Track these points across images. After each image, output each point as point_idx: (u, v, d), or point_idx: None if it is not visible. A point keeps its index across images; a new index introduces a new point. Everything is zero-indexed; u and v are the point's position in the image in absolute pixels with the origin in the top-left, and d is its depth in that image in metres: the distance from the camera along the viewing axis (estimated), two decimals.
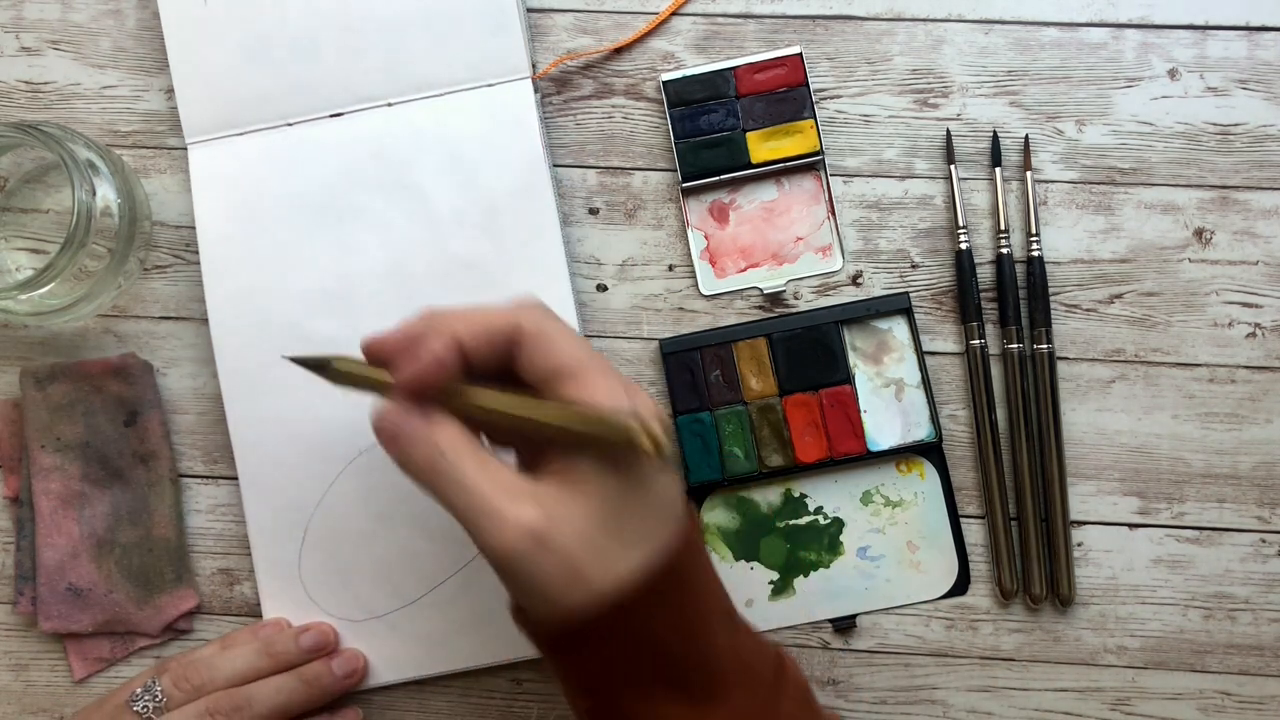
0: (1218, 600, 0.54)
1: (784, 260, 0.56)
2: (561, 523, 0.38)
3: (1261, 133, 0.55)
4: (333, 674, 0.52)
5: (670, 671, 0.39)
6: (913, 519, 0.55)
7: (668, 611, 0.39)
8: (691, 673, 0.40)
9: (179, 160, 0.57)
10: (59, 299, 0.52)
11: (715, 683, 0.40)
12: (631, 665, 0.39)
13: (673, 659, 0.39)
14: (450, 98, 0.55)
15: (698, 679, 0.40)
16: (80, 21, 0.58)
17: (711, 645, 0.40)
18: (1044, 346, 0.54)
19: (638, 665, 0.39)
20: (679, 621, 0.39)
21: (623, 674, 0.39)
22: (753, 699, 0.41)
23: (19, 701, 0.55)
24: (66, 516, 0.54)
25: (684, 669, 0.39)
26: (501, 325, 0.40)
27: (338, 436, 0.54)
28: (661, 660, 0.39)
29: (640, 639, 0.39)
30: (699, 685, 0.40)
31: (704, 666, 0.40)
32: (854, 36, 0.56)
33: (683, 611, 0.39)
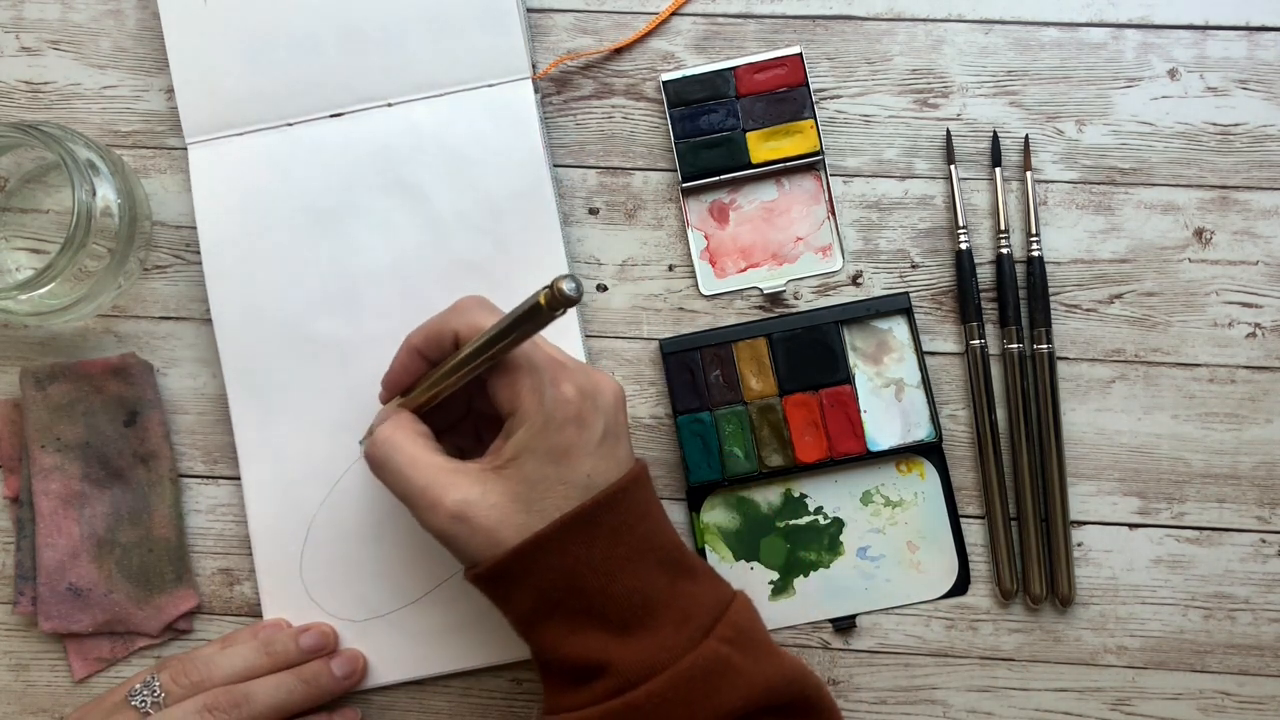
0: (1218, 600, 0.54)
1: (784, 260, 0.56)
2: (482, 502, 0.44)
3: (1261, 133, 0.55)
4: (332, 674, 0.52)
5: (594, 607, 0.44)
6: (913, 519, 0.55)
7: (589, 554, 0.44)
8: (611, 607, 0.44)
9: (179, 160, 0.57)
10: (59, 299, 0.52)
11: (641, 617, 0.44)
12: (555, 601, 0.44)
13: (593, 594, 0.44)
14: (450, 98, 0.55)
15: (617, 613, 0.44)
16: (80, 21, 0.58)
17: (641, 587, 0.44)
18: (1044, 346, 0.54)
19: (559, 601, 0.44)
20: (602, 564, 0.44)
21: (548, 608, 0.44)
22: (677, 635, 0.44)
23: (19, 701, 0.55)
24: (66, 516, 0.54)
25: (604, 604, 0.44)
26: (441, 331, 0.46)
27: (341, 437, 0.54)
28: (583, 597, 0.44)
29: (558, 578, 0.44)
30: (618, 619, 0.44)
31: (628, 604, 0.44)
32: (854, 36, 0.56)
33: (606, 556, 0.44)
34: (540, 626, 0.45)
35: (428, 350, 0.47)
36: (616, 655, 0.43)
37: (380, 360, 0.55)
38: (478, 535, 0.44)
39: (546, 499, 0.44)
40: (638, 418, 0.55)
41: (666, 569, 0.45)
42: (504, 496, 0.44)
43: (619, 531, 0.45)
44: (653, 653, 0.43)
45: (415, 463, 0.45)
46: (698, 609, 0.45)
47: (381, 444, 0.46)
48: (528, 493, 0.44)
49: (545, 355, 0.46)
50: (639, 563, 0.45)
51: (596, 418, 0.46)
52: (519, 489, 0.44)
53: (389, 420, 0.47)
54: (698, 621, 0.44)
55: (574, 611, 0.44)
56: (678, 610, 0.45)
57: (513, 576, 0.44)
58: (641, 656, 0.43)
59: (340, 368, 0.54)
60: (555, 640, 0.45)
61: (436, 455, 0.46)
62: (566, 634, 0.44)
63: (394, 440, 0.46)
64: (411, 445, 0.46)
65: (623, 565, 0.44)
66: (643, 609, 0.44)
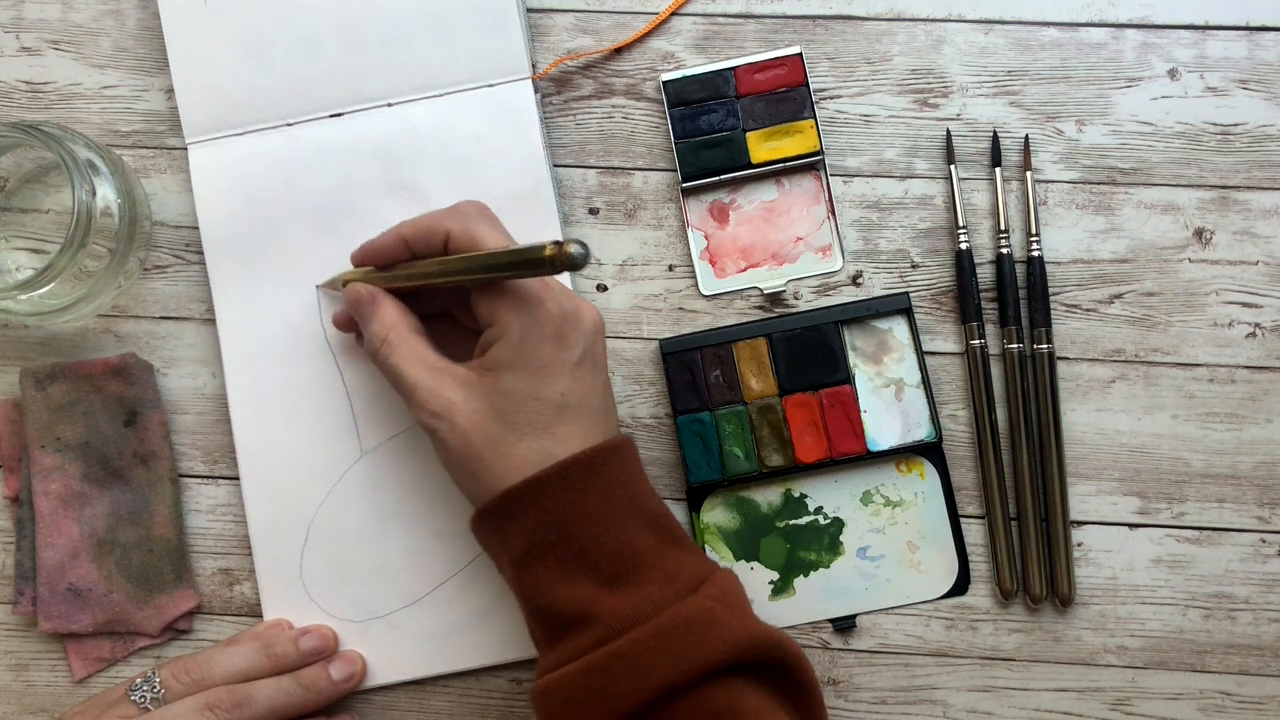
0: (1218, 600, 0.54)
1: (784, 260, 0.56)
2: (464, 405, 0.46)
3: (1261, 133, 0.55)
4: (330, 679, 0.52)
5: (586, 555, 0.45)
6: (913, 519, 0.55)
7: (583, 500, 0.45)
8: (602, 557, 0.45)
9: (179, 160, 0.57)
10: (59, 299, 0.52)
11: (630, 572, 0.45)
12: (546, 545, 0.45)
13: (585, 541, 0.45)
14: (450, 98, 0.55)
15: (607, 564, 0.45)
16: (80, 21, 0.58)
17: (630, 542, 0.45)
18: (1044, 346, 0.54)
19: (553, 545, 0.45)
20: (594, 514, 0.45)
21: (539, 551, 0.45)
22: (661, 590, 0.44)
23: (19, 701, 0.55)
24: (66, 516, 0.54)
25: (595, 553, 0.45)
26: (434, 228, 0.48)
27: (342, 437, 0.54)
28: (574, 544, 0.45)
29: (552, 521, 0.45)
30: (610, 571, 0.45)
31: (618, 557, 0.45)
32: (854, 36, 0.56)
33: (599, 508, 0.45)
34: (531, 569, 0.45)
35: (415, 242, 0.48)
36: (603, 606, 0.44)
37: None
38: (454, 435, 0.46)
39: (520, 412, 0.45)
40: (638, 418, 0.55)
41: (655, 532, 0.46)
42: (482, 403, 0.46)
43: (613, 486, 0.46)
44: (639, 605, 0.44)
45: (411, 359, 0.47)
46: (684, 571, 0.45)
47: (379, 343, 0.48)
48: (502, 404, 0.46)
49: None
50: (630, 520, 0.45)
51: (576, 339, 0.47)
52: (495, 399, 0.46)
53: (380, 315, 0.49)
54: (684, 582, 0.45)
55: (565, 558, 0.45)
56: (665, 570, 0.45)
57: (510, 514, 0.45)
58: (627, 608, 0.44)
59: (341, 367, 0.54)
60: (544, 585, 0.45)
61: (430, 352, 0.48)
62: (556, 580, 0.45)
63: (390, 338, 0.48)
64: (405, 343, 0.48)
65: (615, 519, 0.45)
66: (631, 564, 0.45)
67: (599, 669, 0.43)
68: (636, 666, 0.42)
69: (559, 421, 0.46)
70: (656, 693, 0.42)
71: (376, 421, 0.54)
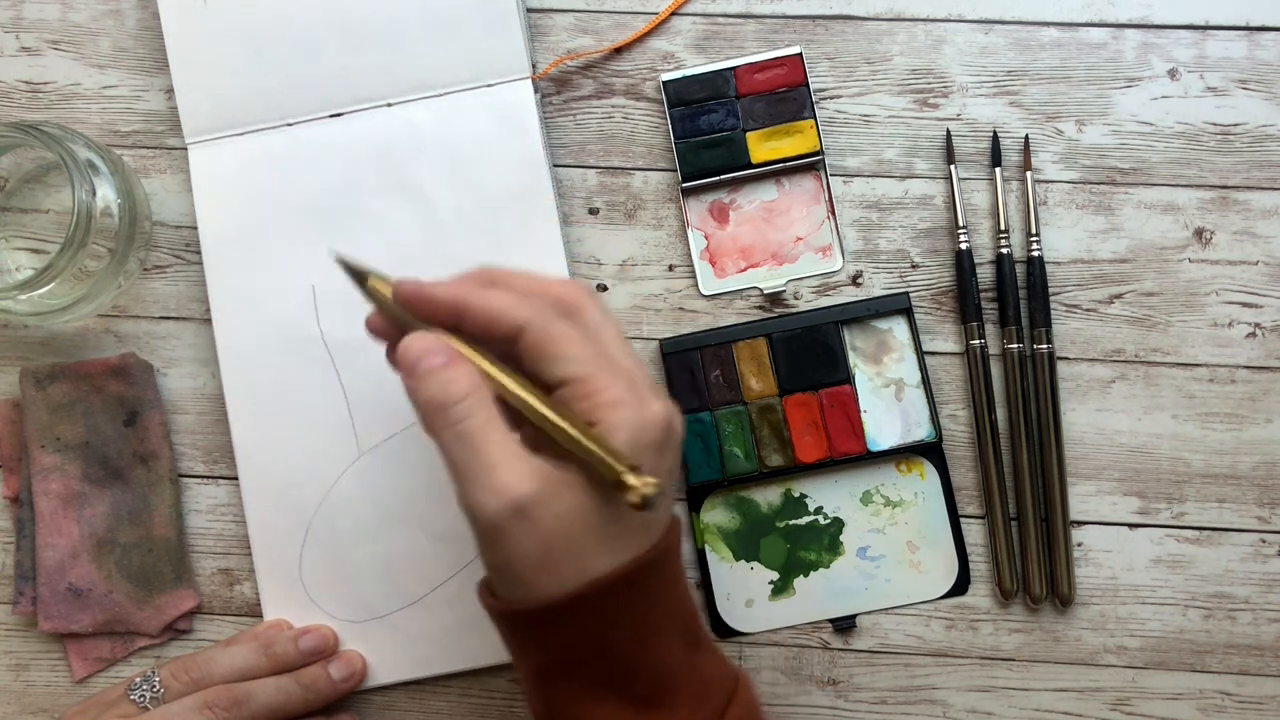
0: (1218, 600, 0.54)
1: (784, 260, 0.56)
2: (549, 506, 0.38)
3: (1261, 133, 0.55)
4: (330, 679, 0.52)
5: (617, 674, 0.40)
6: (913, 519, 0.55)
7: (626, 618, 0.40)
8: (638, 680, 0.40)
9: (179, 160, 0.57)
10: (59, 299, 0.52)
11: (661, 693, 0.41)
12: (581, 661, 0.40)
13: (622, 663, 0.40)
14: (450, 98, 0.55)
15: (643, 687, 0.40)
16: (80, 21, 0.58)
17: (665, 658, 0.41)
18: (1044, 346, 0.54)
19: (587, 662, 0.40)
20: (636, 629, 0.40)
21: (571, 667, 0.40)
22: (694, 715, 0.41)
23: (19, 701, 0.55)
24: (66, 516, 0.54)
25: (631, 675, 0.40)
26: (502, 317, 0.40)
27: (340, 437, 0.54)
28: (610, 663, 0.40)
29: (593, 638, 0.40)
30: (643, 693, 0.40)
31: (652, 676, 0.41)
32: (854, 36, 0.56)
33: (642, 621, 0.40)
34: (554, 686, 0.41)
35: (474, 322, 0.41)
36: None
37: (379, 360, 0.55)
38: (532, 540, 0.38)
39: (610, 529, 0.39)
40: None
41: (685, 640, 0.42)
42: (571, 511, 0.38)
43: (656, 596, 0.41)
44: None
45: (492, 433, 0.38)
46: (711, 687, 0.42)
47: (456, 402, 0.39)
48: (593, 516, 0.39)
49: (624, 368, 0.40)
50: (666, 631, 0.41)
51: (670, 449, 0.41)
52: (588, 509, 0.39)
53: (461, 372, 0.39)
54: (712, 703, 0.42)
55: (596, 678, 0.40)
56: (693, 687, 0.41)
57: (543, 626, 0.40)
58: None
59: (339, 368, 0.54)
60: (568, 703, 0.41)
61: (512, 435, 0.39)
62: (582, 699, 0.40)
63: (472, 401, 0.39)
64: (486, 411, 0.39)
65: (653, 633, 0.41)
66: (663, 683, 0.41)
67: None
68: None
69: (640, 533, 0.40)
70: None
71: (374, 422, 0.54)
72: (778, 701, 0.54)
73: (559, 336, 0.40)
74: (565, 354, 0.40)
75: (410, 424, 0.54)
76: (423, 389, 0.40)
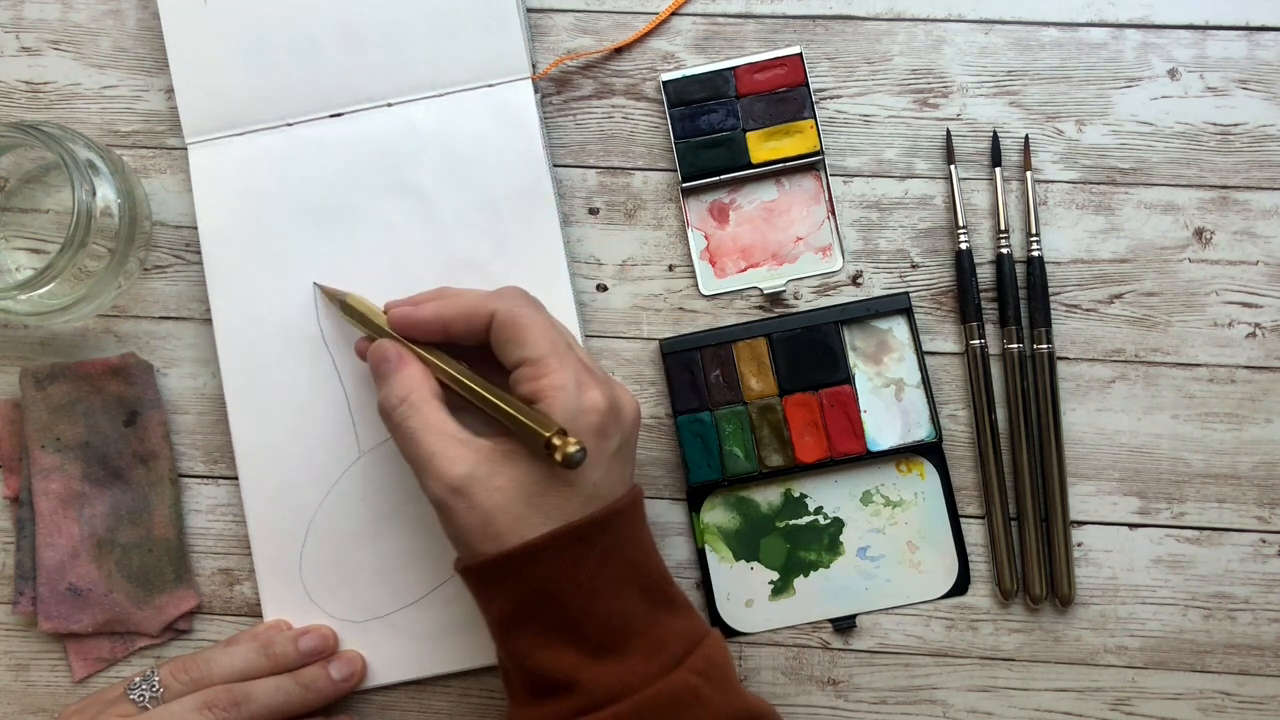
0: (1218, 600, 0.54)
1: (784, 260, 0.56)
2: (486, 481, 0.44)
3: (1261, 133, 0.55)
4: (330, 679, 0.52)
5: (570, 623, 0.44)
6: (913, 519, 0.55)
7: (574, 572, 0.44)
8: (589, 629, 0.44)
9: (179, 160, 0.57)
10: (59, 299, 0.52)
11: (615, 643, 0.44)
12: (533, 611, 0.44)
13: (574, 613, 0.44)
14: (450, 98, 0.55)
15: (593, 635, 0.44)
16: (80, 21, 0.58)
17: (619, 611, 0.44)
18: (1044, 346, 0.54)
19: (539, 612, 0.44)
20: (585, 583, 0.44)
21: (526, 616, 0.44)
22: (649, 664, 0.44)
23: (19, 701, 0.55)
24: (66, 516, 0.54)
25: (583, 624, 0.44)
26: (478, 310, 0.47)
27: (339, 437, 0.54)
28: (562, 612, 0.44)
29: (541, 590, 0.44)
30: (596, 641, 0.44)
31: (606, 627, 0.44)
32: (854, 36, 0.56)
33: (592, 576, 0.44)
34: (514, 633, 0.45)
35: (455, 324, 0.47)
36: (586, 676, 0.43)
37: None
38: (473, 513, 0.44)
39: (548, 498, 0.44)
40: None
41: (647, 597, 0.45)
42: (508, 483, 0.44)
43: (608, 553, 0.45)
44: (622, 677, 0.43)
45: (428, 427, 0.45)
46: (672, 640, 0.45)
47: (397, 404, 0.46)
48: (531, 487, 0.44)
49: (575, 359, 0.46)
50: (622, 587, 0.45)
51: (615, 431, 0.46)
52: (524, 480, 0.44)
53: (402, 376, 0.47)
54: (670, 652, 0.44)
55: (550, 625, 0.44)
56: (652, 639, 0.45)
57: (497, 578, 0.44)
58: (610, 680, 0.43)
59: (339, 367, 0.54)
60: (527, 649, 0.45)
61: (450, 421, 0.46)
62: (539, 646, 0.44)
63: (410, 401, 0.46)
64: (425, 407, 0.46)
65: (606, 587, 0.44)
66: (619, 633, 0.44)
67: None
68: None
69: (582, 511, 0.44)
70: None
71: (374, 422, 0.54)
72: (778, 701, 0.54)
73: (523, 320, 0.46)
74: (525, 339, 0.46)
75: None
76: (381, 384, 0.47)
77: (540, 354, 0.45)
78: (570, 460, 0.42)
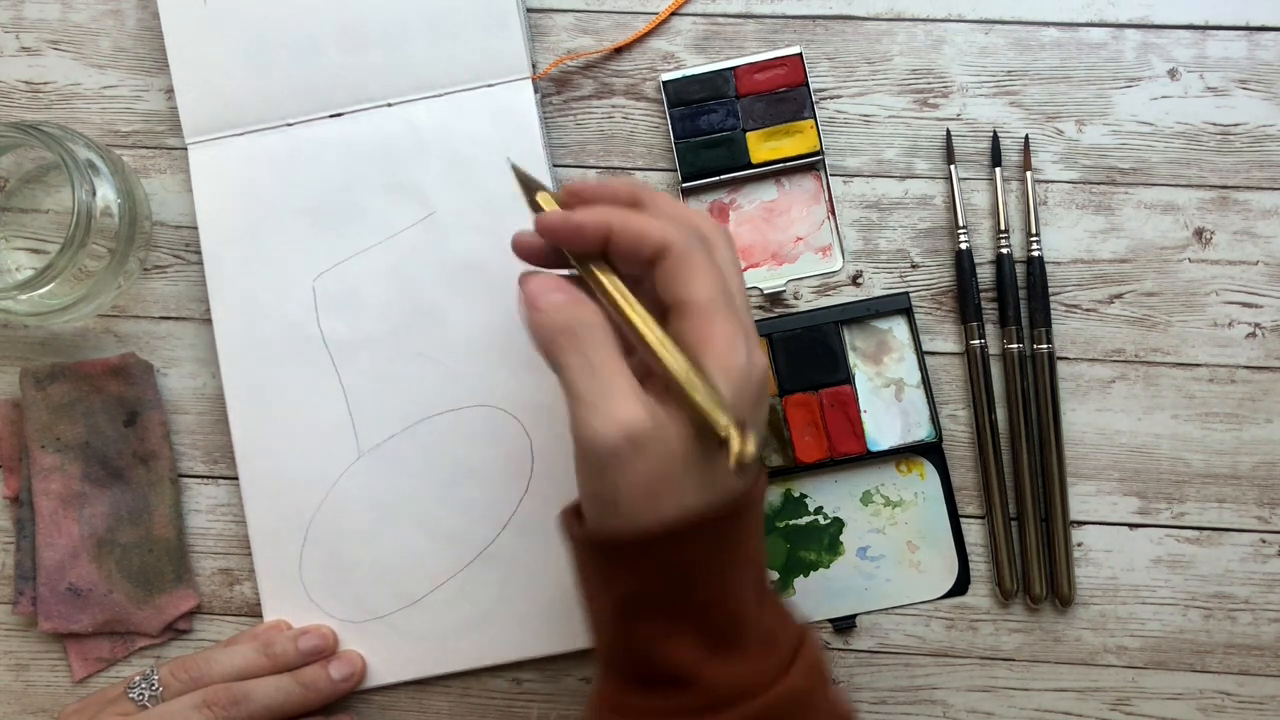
0: (1218, 600, 0.54)
1: (784, 260, 0.56)
2: (659, 440, 0.38)
3: (1261, 133, 0.55)
4: (329, 678, 0.52)
5: (698, 613, 0.41)
6: (913, 519, 0.55)
7: (713, 558, 0.40)
8: (714, 620, 0.41)
9: (179, 160, 0.57)
10: (59, 299, 0.52)
11: (734, 636, 0.41)
12: (665, 595, 0.40)
13: (702, 602, 0.40)
14: (450, 98, 0.55)
15: (718, 628, 0.41)
16: (80, 21, 0.58)
17: (740, 603, 0.41)
18: (1044, 346, 0.54)
19: (671, 597, 0.40)
20: (719, 571, 0.40)
21: (655, 600, 0.41)
22: (763, 662, 0.41)
23: (19, 701, 0.55)
24: (66, 516, 0.54)
25: (710, 615, 0.41)
26: (652, 239, 0.40)
27: (340, 437, 0.54)
28: (693, 600, 0.40)
29: (680, 573, 0.40)
30: (718, 634, 0.41)
31: (729, 619, 0.41)
32: (854, 36, 0.56)
33: (727, 563, 0.41)
34: (637, 617, 0.41)
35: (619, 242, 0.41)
36: (707, 673, 0.40)
37: (380, 360, 0.55)
38: (637, 472, 0.38)
39: (711, 471, 0.40)
40: None
41: (757, 588, 0.43)
42: (679, 444, 0.39)
43: (740, 542, 0.41)
44: (743, 677, 0.40)
45: (612, 364, 0.39)
46: (780, 635, 0.43)
47: (581, 327, 0.40)
48: (699, 455, 0.39)
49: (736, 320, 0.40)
50: (744, 578, 0.41)
51: (765, 399, 0.42)
52: (690, 445, 0.39)
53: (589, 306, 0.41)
54: (781, 651, 0.42)
55: (678, 613, 0.40)
56: (764, 634, 0.42)
57: (635, 557, 0.40)
58: (731, 679, 0.40)
59: (339, 368, 0.54)
60: (648, 639, 0.41)
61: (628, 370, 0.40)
62: (662, 636, 0.41)
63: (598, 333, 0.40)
64: (610, 347, 0.40)
65: (735, 575, 0.41)
66: (737, 627, 0.41)
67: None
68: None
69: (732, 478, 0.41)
70: None
71: (374, 422, 0.54)
72: None
73: (695, 263, 0.40)
74: (696, 280, 0.40)
75: (410, 424, 0.54)
76: (551, 315, 0.40)
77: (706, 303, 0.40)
78: (744, 463, 0.38)
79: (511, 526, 0.54)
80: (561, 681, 0.54)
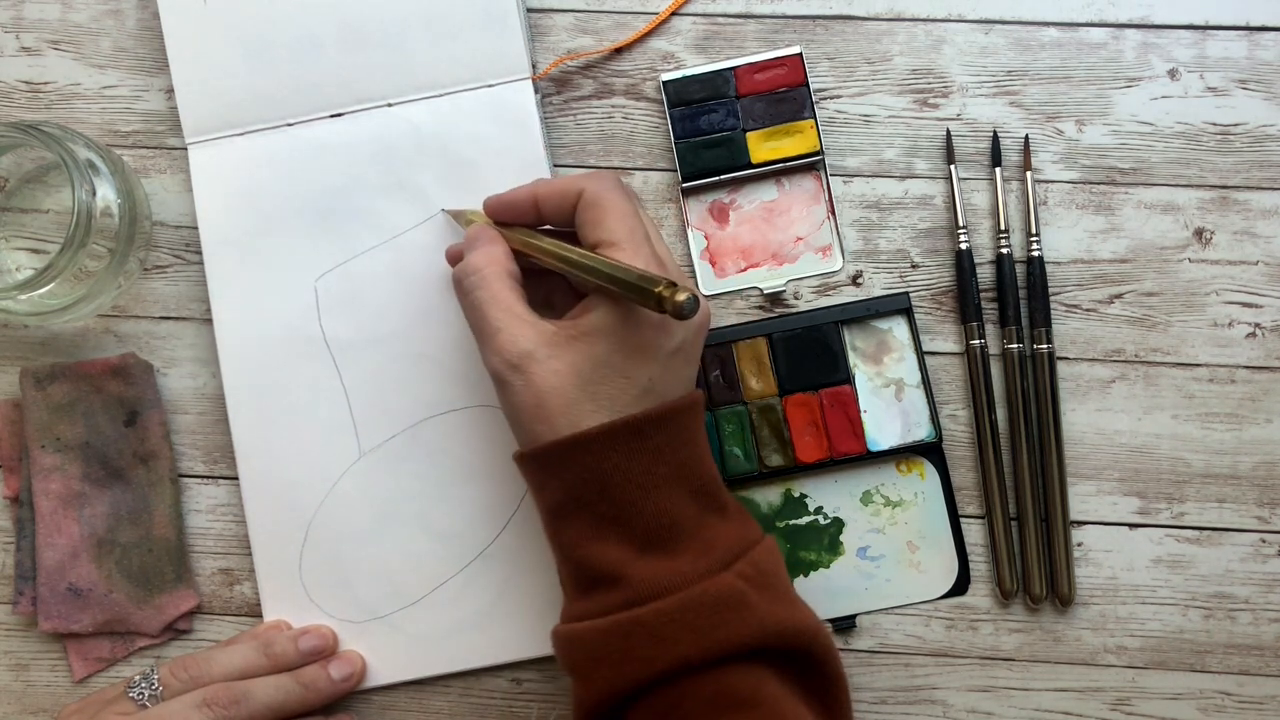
0: (1218, 600, 0.54)
1: (784, 260, 0.56)
2: (544, 362, 0.44)
3: (1261, 133, 0.55)
4: (329, 678, 0.52)
5: (620, 517, 0.44)
6: (913, 519, 0.55)
7: (628, 466, 0.44)
8: (641, 525, 0.44)
9: (179, 160, 0.57)
10: (59, 299, 0.52)
11: (666, 540, 0.44)
12: (584, 501, 0.45)
13: (624, 507, 0.44)
14: (450, 98, 0.55)
15: (646, 531, 0.44)
16: (80, 21, 0.58)
17: (669, 509, 0.44)
18: (1044, 346, 0.54)
19: (590, 503, 0.44)
20: (637, 478, 0.44)
21: (576, 505, 0.45)
22: (695, 563, 0.44)
23: (19, 701, 0.55)
24: (66, 516, 0.54)
25: (631, 517, 0.44)
26: (568, 189, 0.47)
27: (340, 437, 0.54)
28: (613, 505, 0.44)
29: (593, 481, 0.44)
30: (647, 537, 0.44)
31: (655, 523, 0.44)
32: (854, 36, 0.56)
33: (645, 471, 0.44)
34: (564, 523, 0.45)
35: (547, 201, 0.48)
36: (633, 570, 0.44)
37: (380, 360, 0.55)
38: (528, 391, 0.44)
39: (604, 386, 0.44)
40: None
41: (698, 500, 0.45)
42: (567, 366, 0.44)
43: (662, 451, 0.45)
44: (668, 575, 0.43)
45: (496, 301, 0.46)
46: (721, 544, 0.45)
47: (471, 273, 0.47)
48: (590, 372, 0.44)
49: (650, 249, 0.46)
50: (674, 486, 0.45)
51: (677, 329, 0.46)
52: (583, 365, 0.44)
53: (483, 250, 0.48)
54: (718, 555, 0.44)
55: (600, 517, 0.44)
56: (702, 541, 0.45)
57: (551, 464, 0.45)
58: (656, 576, 0.43)
59: (340, 368, 0.54)
60: (576, 540, 0.45)
61: (518, 301, 0.46)
62: (589, 537, 0.45)
63: (484, 273, 0.47)
64: (498, 282, 0.46)
65: (658, 484, 0.44)
66: (668, 532, 0.44)
67: (620, 631, 0.43)
68: (658, 636, 0.43)
69: (637, 405, 0.45)
70: (674, 665, 0.42)
71: (375, 422, 0.54)
72: None
73: (607, 202, 0.46)
74: (606, 221, 0.46)
75: (411, 424, 0.54)
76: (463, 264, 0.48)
77: (617, 238, 0.45)
78: (682, 310, 0.41)
79: (511, 526, 0.54)
80: (561, 681, 0.54)
